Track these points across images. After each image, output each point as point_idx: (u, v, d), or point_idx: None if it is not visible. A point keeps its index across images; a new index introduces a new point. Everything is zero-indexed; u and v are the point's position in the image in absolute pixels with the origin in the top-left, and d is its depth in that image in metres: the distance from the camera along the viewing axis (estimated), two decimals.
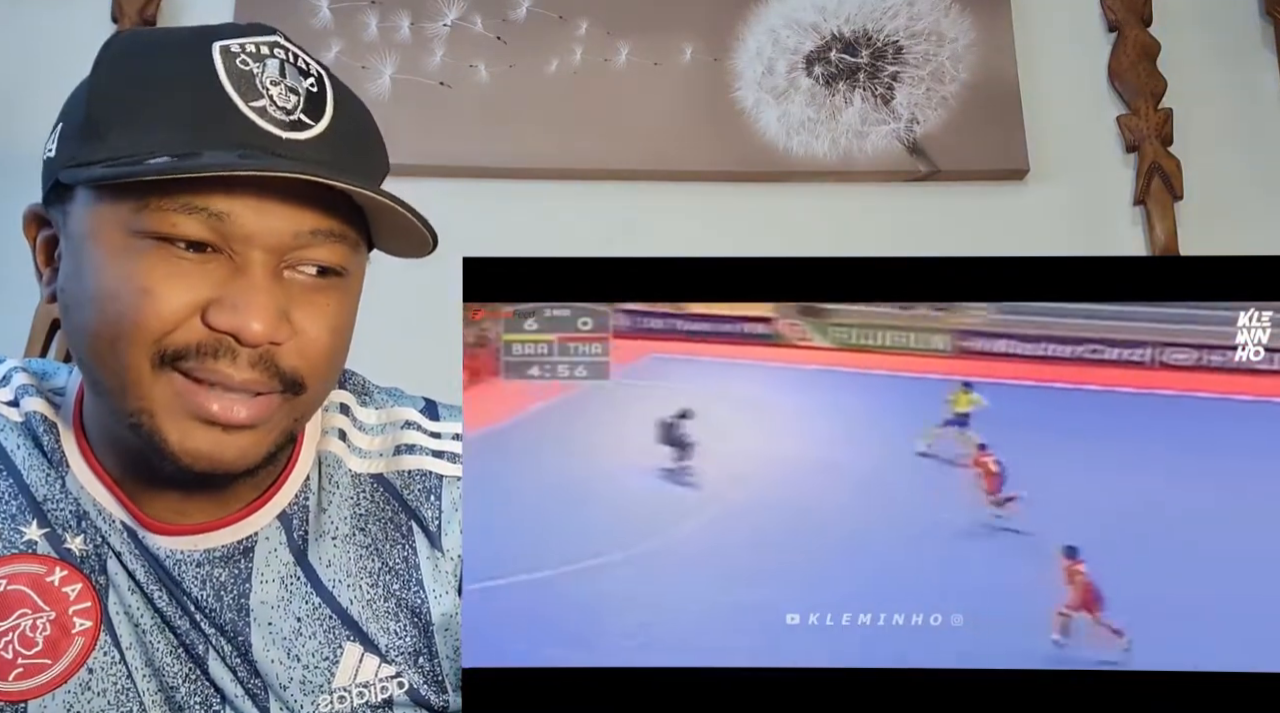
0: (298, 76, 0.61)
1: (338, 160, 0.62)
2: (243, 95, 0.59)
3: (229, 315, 0.59)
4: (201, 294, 0.59)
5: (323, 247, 0.62)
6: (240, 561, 0.68)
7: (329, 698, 0.68)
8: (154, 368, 0.59)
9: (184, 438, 0.60)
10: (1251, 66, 1.60)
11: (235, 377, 0.60)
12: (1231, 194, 1.55)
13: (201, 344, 0.59)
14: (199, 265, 0.59)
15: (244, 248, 0.59)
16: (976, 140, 1.52)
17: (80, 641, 0.65)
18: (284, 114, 0.60)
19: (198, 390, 0.60)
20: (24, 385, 0.70)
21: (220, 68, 0.59)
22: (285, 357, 0.61)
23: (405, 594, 0.71)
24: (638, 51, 1.52)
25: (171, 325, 0.59)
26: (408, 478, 0.73)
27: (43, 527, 0.66)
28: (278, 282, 0.61)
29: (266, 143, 0.59)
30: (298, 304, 0.62)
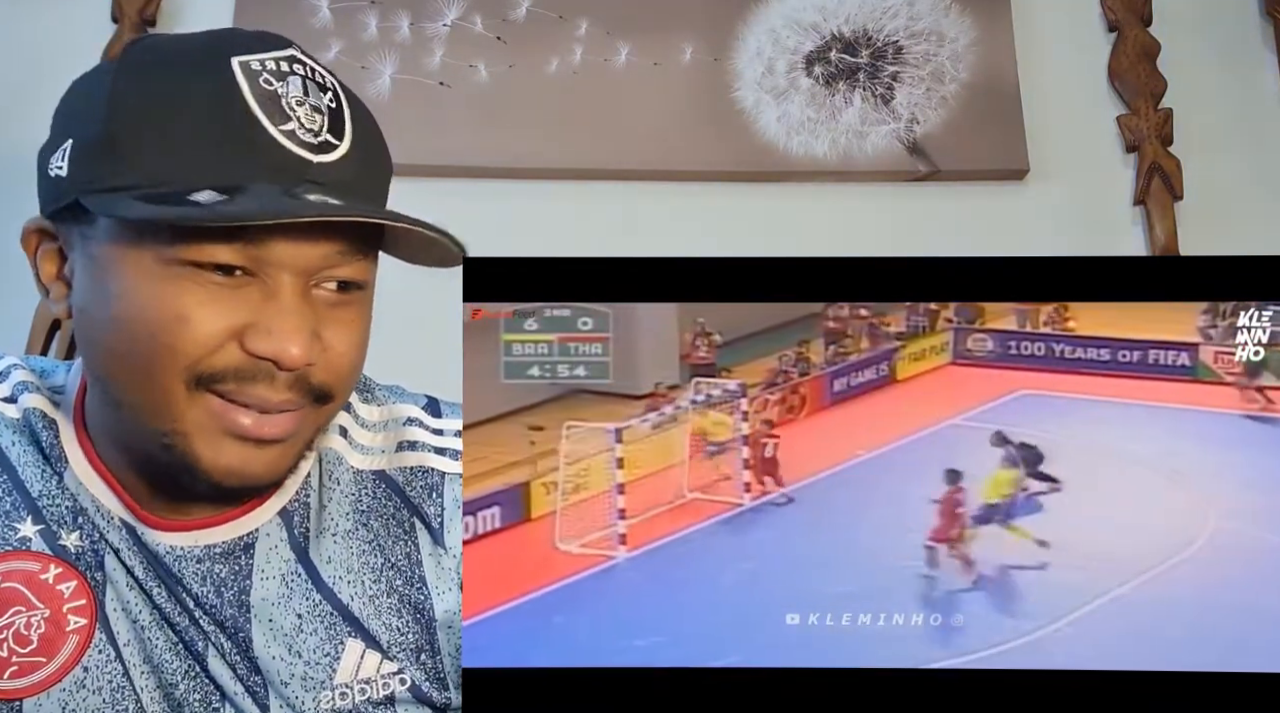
0: (319, 93, 0.61)
1: (363, 178, 0.62)
2: (271, 118, 0.58)
3: (266, 341, 0.59)
4: (237, 319, 0.59)
5: (347, 264, 0.62)
6: (241, 557, 0.68)
7: (330, 694, 0.68)
8: (189, 390, 0.59)
9: (216, 455, 0.61)
10: (1251, 66, 1.60)
11: (273, 399, 0.60)
12: (1231, 194, 1.55)
13: (240, 369, 0.59)
14: (232, 290, 0.59)
15: (275, 272, 0.59)
16: (976, 140, 1.52)
17: (75, 638, 0.65)
18: (312, 136, 0.60)
19: (232, 410, 0.60)
20: (22, 382, 0.70)
21: (245, 88, 0.58)
22: (317, 375, 0.62)
23: (408, 591, 0.71)
24: (638, 51, 1.52)
25: (207, 351, 0.59)
26: (410, 475, 0.73)
27: (37, 524, 0.66)
28: (307, 302, 0.61)
29: (299, 169, 0.59)
30: (325, 322, 0.62)
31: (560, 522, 0.81)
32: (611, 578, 0.75)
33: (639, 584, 0.76)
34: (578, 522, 0.80)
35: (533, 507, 0.83)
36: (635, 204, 1.50)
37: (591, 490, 0.81)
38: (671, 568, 0.75)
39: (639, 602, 0.72)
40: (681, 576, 0.72)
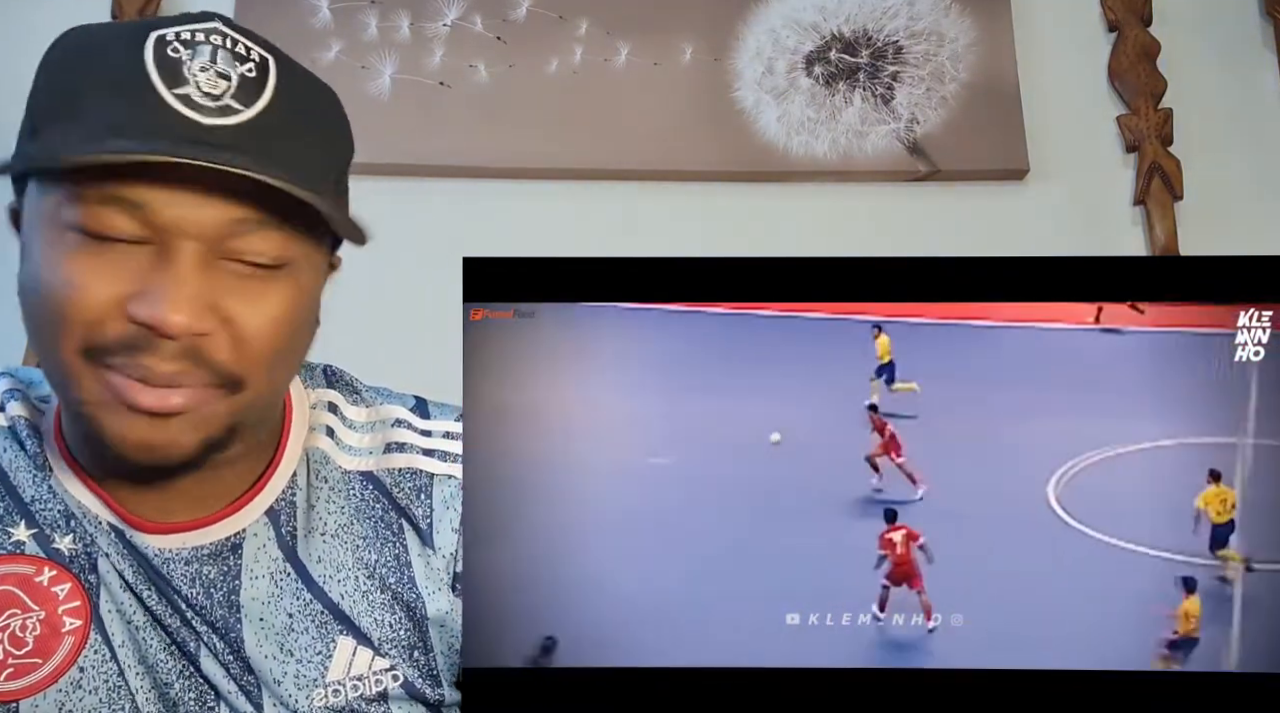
0: (231, 61, 0.60)
1: (267, 146, 0.60)
2: (166, 82, 0.58)
3: (148, 307, 0.57)
4: (125, 287, 0.58)
5: (255, 236, 0.60)
6: (229, 557, 0.68)
7: (323, 692, 0.68)
8: (85, 362, 0.59)
9: (121, 428, 0.60)
10: (1251, 66, 1.60)
11: (158, 369, 0.58)
12: (1231, 194, 1.55)
13: (124, 339, 0.58)
14: (124, 257, 0.58)
15: (170, 238, 0.58)
16: (976, 140, 1.52)
17: (70, 640, 0.65)
18: (210, 100, 0.58)
19: (127, 385, 0.59)
20: (8, 390, 0.71)
21: (149, 56, 0.58)
22: (215, 349, 0.60)
23: (399, 589, 0.71)
24: (638, 51, 1.52)
25: (95, 319, 0.58)
26: (398, 476, 0.73)
27: (31, 528, 0.66)
28: (207, 272, 0.59)
29: (186, 130, 0.57)
30: (231, 293, 0.60)
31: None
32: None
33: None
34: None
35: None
36: (635, 204, 1.50)
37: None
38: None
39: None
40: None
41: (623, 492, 0.59)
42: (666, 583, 0.57)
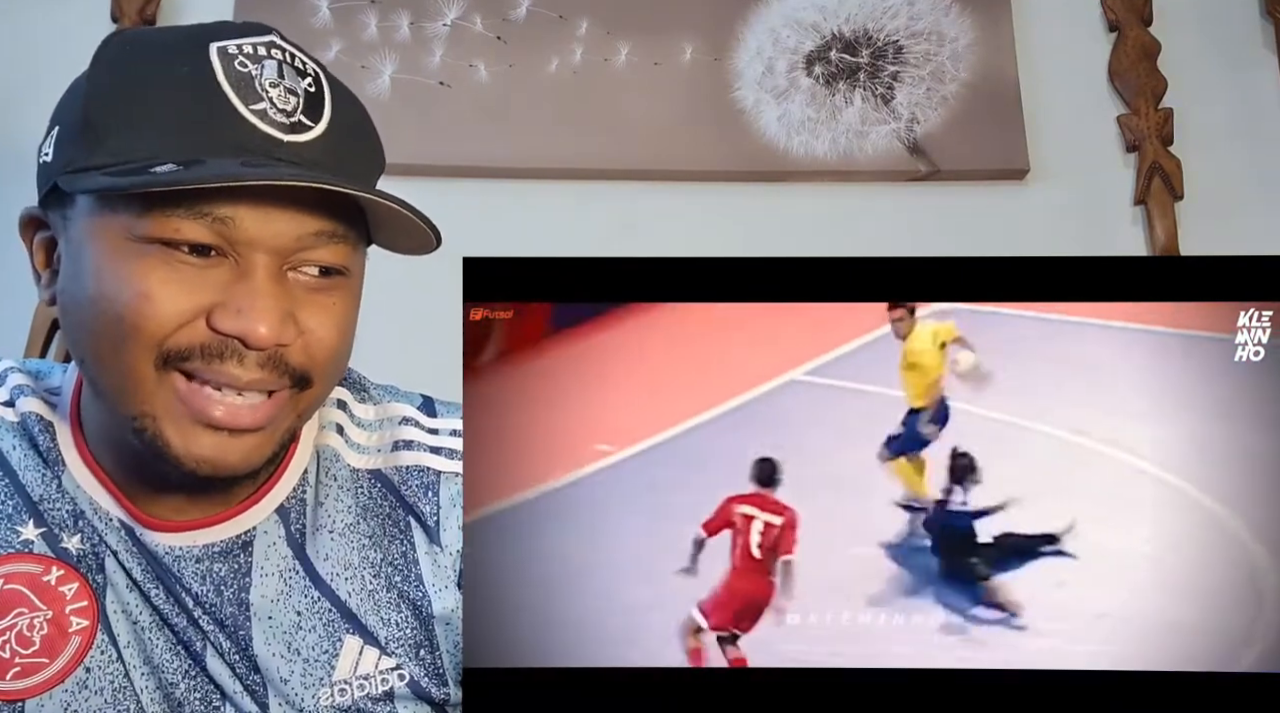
0: (295, 77, 0.61)
1: (338, 161, 0.62)
2: (242, 98, 0.59)
3: (234, 319, 0.59)
4: (205, 298, 0.59)
5: (325, 248, 0.62)
6: (240, 555, 0.68)
7: (329, 691, 0.68)
8: (157, 370, 0.59)
9: (187, 442, 0.60)
10: (1251, 66, 1.60)
11: (243, 377, 0.60)
12: (1231, 194, 1.55)
13: (206, 346, 0.59)
14: (201, 270, 0.59)
15: (247, 251, 0.59)
16: (976, 140, 1.52)
17: (77, 639, 0.65)
18: (284, 116, 0.60)
19: (200, 393, 0.60)
20: (19, 385, 0.70)
21: (219, 70, 0.59)
22: (293, 356, 0.62)
23: (405, 588, 0.71)
24: (638, 51, 1.52)
25: (171, 328, 0.59)
26: (405, 474, 0.73)
27: (39, 526, 0.66)
28: (281, 284, 0.61)
29: (268, 147, 0.59)
30: (302, 305, 0.62)
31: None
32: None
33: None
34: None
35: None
36: (635, 204, 1.50)
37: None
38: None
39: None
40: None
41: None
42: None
